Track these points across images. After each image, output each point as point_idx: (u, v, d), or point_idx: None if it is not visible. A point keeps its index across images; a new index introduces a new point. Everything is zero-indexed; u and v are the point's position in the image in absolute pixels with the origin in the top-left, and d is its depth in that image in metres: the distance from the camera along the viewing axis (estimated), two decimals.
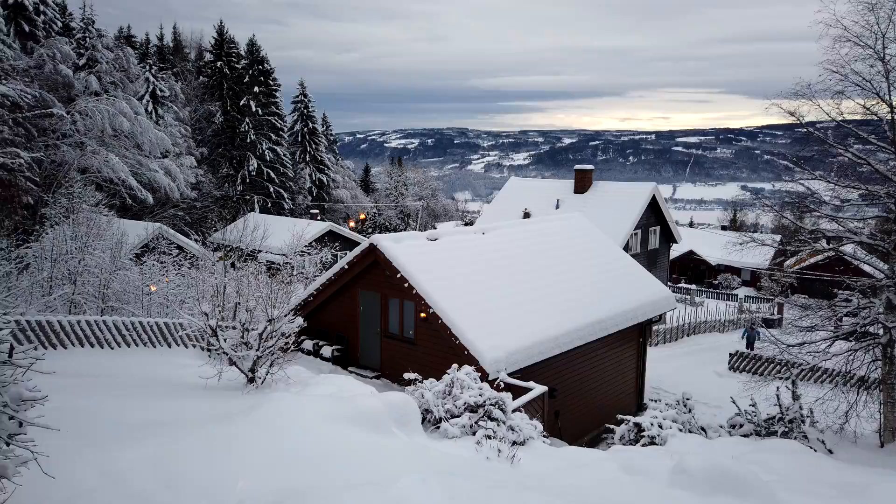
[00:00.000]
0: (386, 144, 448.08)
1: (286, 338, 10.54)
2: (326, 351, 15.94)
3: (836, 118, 17.01)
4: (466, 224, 66.15)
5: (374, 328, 15.56)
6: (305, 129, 61.65)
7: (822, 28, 16.04)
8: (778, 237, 47.26)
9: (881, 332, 16.36)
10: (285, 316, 10.69)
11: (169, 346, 14.34)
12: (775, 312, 38.14)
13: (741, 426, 14.90)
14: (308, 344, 16.21)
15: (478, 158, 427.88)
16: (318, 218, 46.26)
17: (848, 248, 19.02)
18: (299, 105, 62.29)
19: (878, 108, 16.24)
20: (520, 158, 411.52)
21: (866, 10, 15.62)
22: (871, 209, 17.77)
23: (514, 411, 10.48)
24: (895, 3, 15.32)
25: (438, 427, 9.99)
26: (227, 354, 10.23)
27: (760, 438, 13.96)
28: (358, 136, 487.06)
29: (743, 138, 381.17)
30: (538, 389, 12.08)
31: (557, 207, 34.50)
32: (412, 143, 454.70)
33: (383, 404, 8.55)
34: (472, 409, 10.17)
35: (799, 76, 16.83)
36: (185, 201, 40.38)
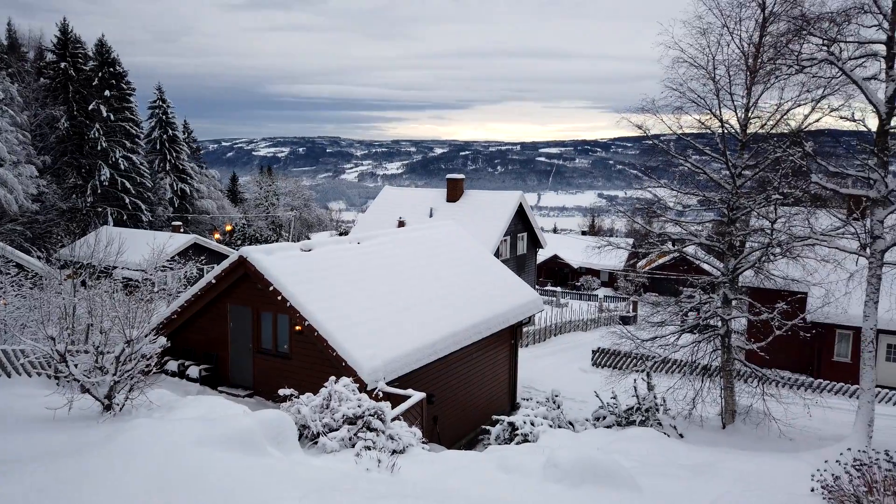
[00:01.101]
0: (255, 153, 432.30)
1: (147, 359, 9.86)
2: (193, 371, 15.06)
3: (676, 131, 18.79)
4: (341, 234, 65.38)
5: (246, 344, 14.95)
6: (165, 137, 57.96)
7: (663, 49, 17.69)
8: (631, 240, 51.13)
9: (720, 324, 18.22)
10: (146, 336, 9.99)
11: (9, 375, 12.87)
12: (631, 310, 41.14)
13: (604, 418, 15.94)
14: (173, 365, 15.23)
15: (351, 168, 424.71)
16: (182, 230, 43.61)
17: (690, 249, 21.03)
18: (157, 111, 58.45)
19: (711, 122, 18.15)
20: (393, 168, 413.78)
21: (699, 34, 17.43)
22: (708, 213, 19.79)
23: (393, 420, 10.50)
24: (722, 29, 17.20)
25: (317, 442, 9.79)
26: (79, 381, 9.38)
27: (622, 428, 15.01)
28: (224, 143, 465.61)
29: (598, 149, 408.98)
30: (417, 396, 12.20)
31: (431, 216, 35.07)
32: (282, 152, 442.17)
33: (257, 423, 8.23)
34: (352, 420, 10.07)
35: (645, 93, 18.42)
36: (26, 214, 36.47)
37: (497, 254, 32.02)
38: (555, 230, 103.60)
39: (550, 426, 14.23)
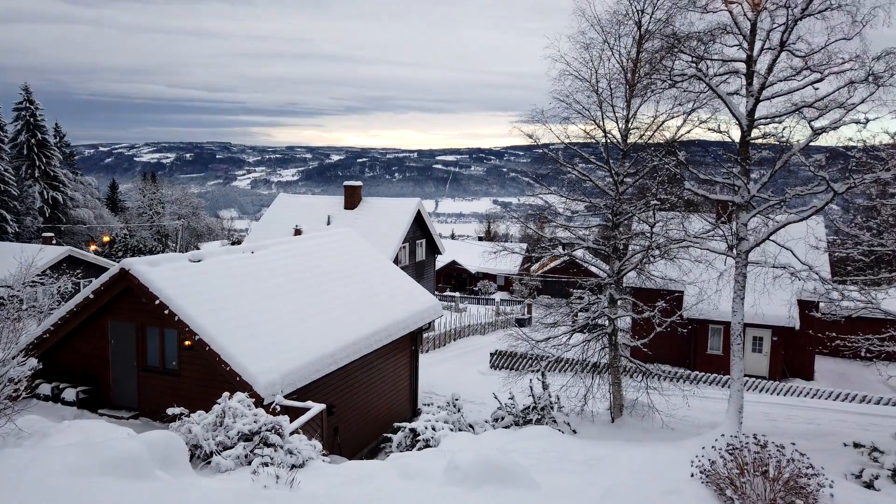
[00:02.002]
0: (136, 158, 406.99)
1: (16, 384, 9.02)
2: (70, 394, 13.94)
3: (564, 141, 19.68)
4: (234, 243, 62.83)
5: (130, 362, 14.03)
6: (33, 141, 53.23)
7: (550, 62, 18.50)
8: (525, 245, 52.95)
9: (607, 323, 19.23)
10: (13, 358, 9.15)
11: None
12: (526, 312, 42.49)
13: (503, 419, 16.35)
14: (46, 388, 14.02)
15: (243, 174, 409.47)
16: (54, 242, 40.21)
17: (579, 253, 22.06)
18: (24, 112, 53.56)
19: (595, 132, 19.17)
20: (288, 174, 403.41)
21: (583, 49, 18.39)
22: (594, 218, 20.86)
23: (292, 434, 10.24)
24: (604, 45, 18.23)
25: (210, 462, 9.35)
26: None
27: (519, 427, 15.45)
28: (101, 148, 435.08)
29: (493, 157, 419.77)
30: (316, 408, 11.96)
31: (329, 223, 34.54)
32: (168, 158, 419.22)
33: (143, 445, 7.75)
34: (248, 437, 9.71)
35: (534, 103, 19.18)
36: None
37: (396, 260, 32.06)
38: (453, 236, 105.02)
39: (451, 430, 14.41)
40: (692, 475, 8.57)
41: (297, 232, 33.03)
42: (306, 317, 14.91)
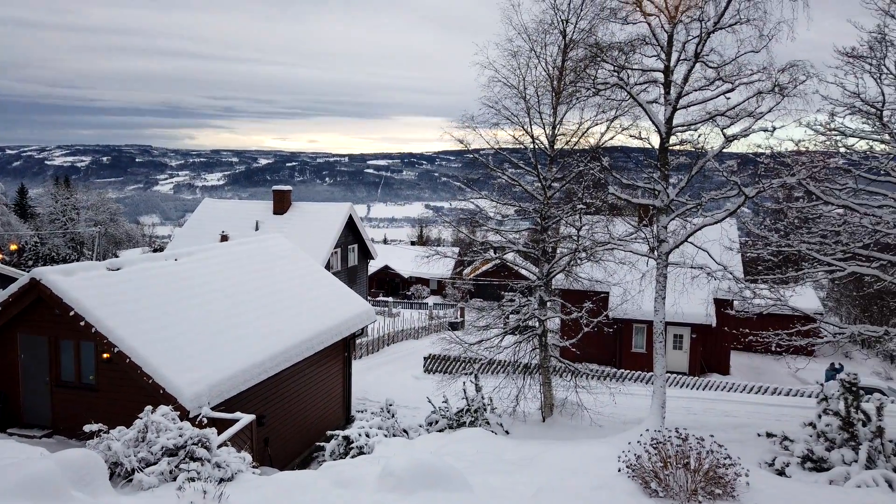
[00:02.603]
0: (48, 162, 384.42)
1: None
2: None
3: (494, 146, 20.00)
4: (156, 251, 60.26)
5: (42, 378, 13.21)
6: None
7: (479, 69, 18.78)
8: (457, 249, 53.35)
9: (537, 324, 19.64)
10: None
11: None
12: (459, 316, 42.81)
13: (437, 422, 16.40)
14: None
15: (165, 179, 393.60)
16: None
17: (509, 256, 22.46)
18: None
19: (524, 138, 19.57)
20: (214, 179, 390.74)
21: (510, 56, 18.75)
22: (524, 222, 21.30)
23: (220, 447, 9.92)
24: (531, 53, 18.66)
25: (132, 480, 8.94)
26: None
27: (453, 430, 15.54)
28: (9, 151, 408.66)
29: (424, 162, 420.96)
30: (245, 419, 11.64)
31: (257, 229, 33.70)
32: (83, 161, 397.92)
33: (57, 465, 7.33)
34: (173, 452, 9.34)
35: (465, 109, 19.41)
36: None
37: (328, 266, 31.63)
38: (385, 241, 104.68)
39: (385, 436, 14.34)
40: (619, 470, 8.87)
41: (224, 238, 32.06)
42: (235, 325, 14.49)
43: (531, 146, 19.41)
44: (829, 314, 43.58)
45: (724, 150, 16.21)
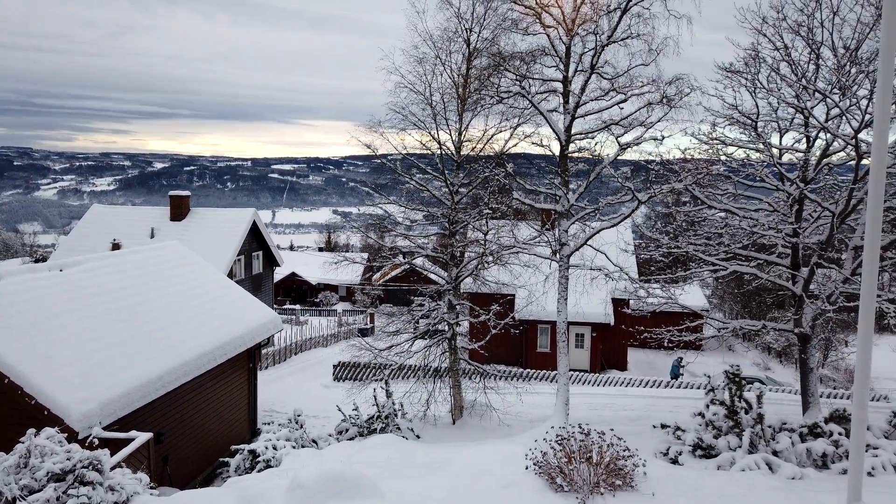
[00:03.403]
0: None
1: None
2: None
3: (402, 151, 20.07)
4: (38, 261, 55.72)
5: None
6: None
7: (385, 74, 18.80)
8: (366, 255, 53.02)
9: (447, 328, 19.85)
10: None
11: None
12: (368, 322, 42.51)
13: (347, 430, 16.21)
14: None
15: (48, 183, 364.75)
16: None
17: (419, 261, 22.58)
18: None
19: (431, 144, 19.77)
20: (104, 184, 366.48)
21: (416, 63, 18.91)
22: (432, 227, 21.48)
23: (114, 468, 9.33)
24: (436, 60, 18.89)
25: None
26: None
27: (364, 438, 15.41)
28: None
29: (331, 167, 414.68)
30: (142, 437, 11.01)
31: (153, 237, 31.97)
32: None
33: None
34: (60, 477, 8.68)
35: (371, 114, 19.35)
36: None
37: (231, 274, 30.49)
38: (291, 247, 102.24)
39: (294, 447, 14.00)
40: (527, 468, 9.13)
41: (116, 247, 30.21)
42: (129, 339, 13.68)
43: (438, 152, 19.64)
44: (714, 310, 46.89)
45: (619, 158, 17.11)
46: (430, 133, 19.52)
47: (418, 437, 16.85)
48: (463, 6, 18.23)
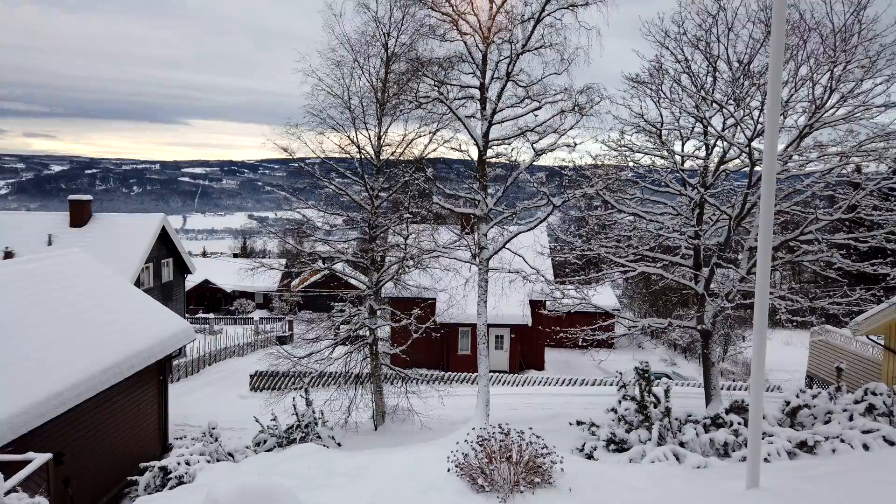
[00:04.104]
0: None
1: None
2: None
3: (320, 155, 19.78)
4: None
5: None
6: None
7: (302, 76, 18.48)
8: (284, 261, 51.81)
9: (368, 333, 19.71)
10: None
11: None
12: (287, 329, 41.54)
13: (265, 442, 15.76)
14: None
15: None
16: None
17: (339, 266, 22.32)
18: None
19: (350, 148, 19.58)
20: None
21: (334, 66, 18.70)
22: (352, 232, 21.29)
23: (8, 494, 8.65)
24: (354, 63, 18.74)
25: None
26: None
27: (283, 448, 15.03)
28: None
29: (246, 171, 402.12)
30: (39, 459, 10.26)
31: (51, 244, 29.89)
32: None
33: None
34: None
35: (289, 116, 18.96)
36: None
37: (138, 283, 28.98)
38: (204, 254, 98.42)
39: (209, 461, 13.47)
40: (448, 470, 9.19)
41: (8, 255, 28.07)
42: (25, 355, 12.73)
43: (358, 156, 19.49)
44: (625, 310, 48.96)
45: (535, 163, 17.60)
46: (349, 137, 19.35)
47: (340, 445, 16.61)
48: (380, 10, 18.23)
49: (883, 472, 8.53)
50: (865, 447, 9.73)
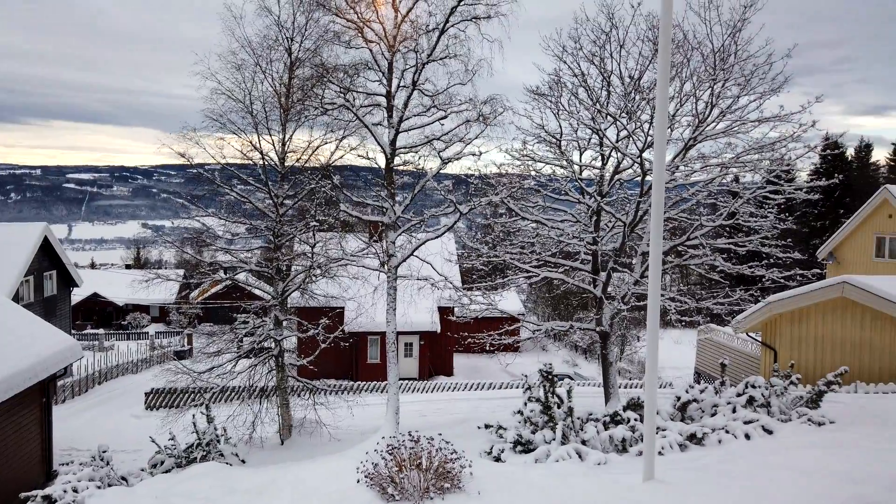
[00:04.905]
0: None
1: None
2: None
3: (221, 161, 19.07)
4: None
5: None
6: None
7: (200, 79, 17.79)
8: (182, 271, 49.42)
9: (273, 345, 19.16)
10: None
11: None
12: (186, 343, 39.65)
13: (163, 463, 14.96)
14: None
15: None
16: None
17: (242, 276, 21.55)
18: None
19: (253, 154, 19.02)
20: None
21: (234, 69, 18.13)
22: (256, 241, 20.63)
23: None
24: (256, 67, 18.25)
25: None
26: None
27: (183, 469, 14.31)
28: None
29: (139, 177, 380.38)
30: None
31: None
32: None
33: None
34: None
35: (186, 120, 18.17)
36: None
37: (17, 297, 26.69)
38: (93, 265, 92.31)
39: (99, 487, 12.59)
40: (358, 481, 9.10)
41: None
42: None
43: (261, 162, 18.95)
44: (529, 314, 50.45)
45: (441, 172, 17.81)
46: (251, 143, 18.78)
47: (244, 461, 16.04)
48: (283, 15, 17.87)
49: (762, 457, 9.28)
50: (747, 436, 10.54)
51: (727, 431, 10.70)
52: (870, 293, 18.08)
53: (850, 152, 55.70)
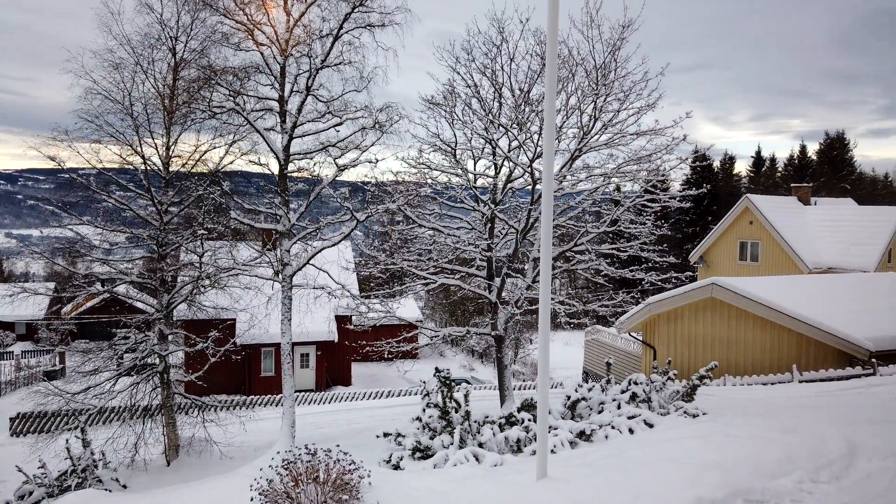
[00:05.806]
0: None
1: None
2: None
3: (97, 166, 17.80)
4: None
5: None
6: None
7: (73, 78, 16.54)
8: (53, 284, 45.59)
9: (158, 361, 18.09)
10: None
11: None
12: (58, 362, 36.60)
13: (31, 494, 13.70)
14: None
15: None
16: None
17: (121, 289, 20.18)
18: None
19: (133, 158, 17.89)
20: None
21: (112, 68, 17.01)
22: (137, 250, 19.40)
23: None
24: (136, 66, 17.22)
25: None
26: None
27: (55, 499, 13.19)
28: None
29: (2, 182, 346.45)
30: None
31: None
32: None
33: None
34: None
35: (57, 121, 16.81)
36: None
37: None
38: None
39: None
40: (252, 499, 8.78)
41: None
42: None
43: (142, 167, 17.86)
44: (427, 320, 50.85)
45: (338, 179, 17.63)
46: (131, 146, 17.66)
47: (125, 486, 15.01)
48: (166, 13, 16.98)
49: (644, 450, 9.90)
50: (631, 431, 11.20)
51: (613, 427, 11.32)
52: (735, 293, 19.81)
53: (717, 164, 60.93)
